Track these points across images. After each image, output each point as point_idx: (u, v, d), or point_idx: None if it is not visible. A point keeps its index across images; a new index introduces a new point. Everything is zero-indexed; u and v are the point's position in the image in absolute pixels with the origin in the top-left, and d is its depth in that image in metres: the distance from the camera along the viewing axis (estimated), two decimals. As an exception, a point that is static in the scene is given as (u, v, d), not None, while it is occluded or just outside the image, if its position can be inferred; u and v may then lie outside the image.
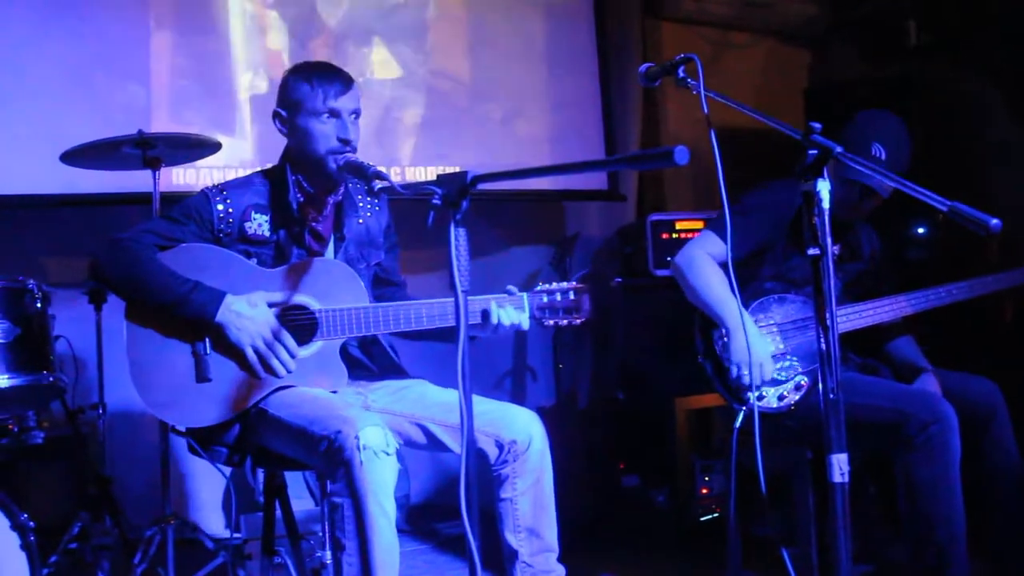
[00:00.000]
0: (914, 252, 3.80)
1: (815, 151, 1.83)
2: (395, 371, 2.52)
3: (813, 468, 2.52)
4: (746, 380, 2.45)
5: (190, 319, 2.17)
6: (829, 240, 1.83)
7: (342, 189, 2.40)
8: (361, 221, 2.48)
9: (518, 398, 4.23)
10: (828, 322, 1.81)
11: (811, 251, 1.85)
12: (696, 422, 3.66)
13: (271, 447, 2.26)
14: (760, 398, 2.49)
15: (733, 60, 4.94)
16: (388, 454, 2.02)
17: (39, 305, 2.49)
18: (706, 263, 2.55)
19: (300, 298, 2.28)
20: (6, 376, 2.40)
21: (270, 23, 3.62)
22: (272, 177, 2.38)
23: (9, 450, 2.71)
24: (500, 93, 4.02)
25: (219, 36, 3.47)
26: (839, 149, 1.82)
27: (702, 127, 4.97)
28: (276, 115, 2.35)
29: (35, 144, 3.07)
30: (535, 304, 2.39)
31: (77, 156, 2.77)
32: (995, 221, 1.55)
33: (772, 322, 2.59)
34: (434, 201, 1.76)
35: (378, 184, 2.10)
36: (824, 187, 1.83)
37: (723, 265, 2.57)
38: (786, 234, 2.59)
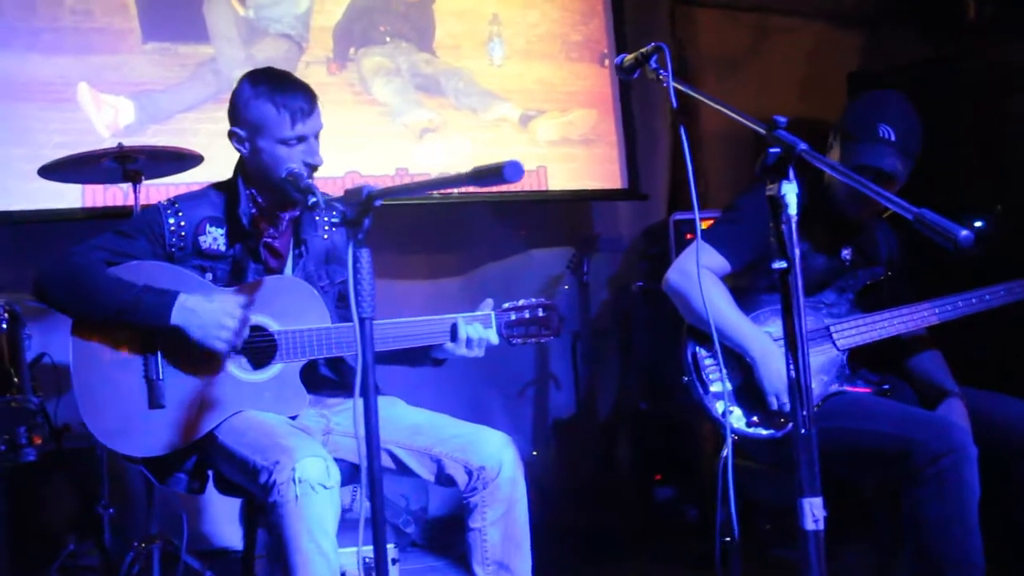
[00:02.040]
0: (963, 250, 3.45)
1: (776, 149, 1.63)
2: (364, 390, 2.38)
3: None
4: (788, 407, 2.22)
5: (141, 326, 2.05)
6: (797, 252, 1.62)
7: (299, 208, 2.28)
8: (325, 237, 2.35)
9: (540, 407, 4.07)
10: (799, 345, 1.60)
11: (776, 264, 1.64)
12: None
13: (225, 475, 2.16)
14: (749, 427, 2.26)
15: (776, 46, 4.65)
16: (327, 487, 1.89)
17: (4, 326, 2.44)
18: (712, 282, 2.31)
19: (257, 318, 2.15)
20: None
21: (262, 27, 3.53)
22: (225, 190, 2.27)
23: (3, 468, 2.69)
24: (514, 93, 3.83)
25: (208, 44, 3.40)
26: (802, 147, 1.61)
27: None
28: (232, 135, 2.21)
29: (12, 158, 3.03)
30: (503, 321, 2.25)
31: (56, 169, 2.71)
32: (964, 233, 1.33)
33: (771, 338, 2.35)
34: (335, 219, 1.64)
35: (311, 199, 1.97)
36: (790, 190, 1.62)
37: (724, 279, 2.35)
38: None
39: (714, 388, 2.29)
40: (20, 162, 2.93)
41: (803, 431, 1.61)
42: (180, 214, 2.21)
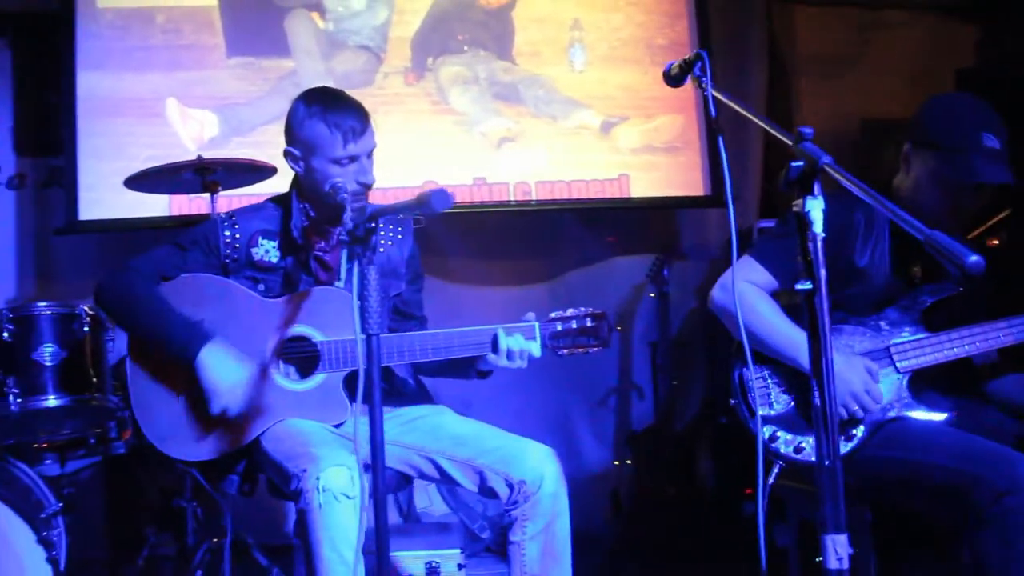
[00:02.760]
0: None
1: (799, 163, 1.54)
2: (413, 398, 2.41)
3: (874, 532, 2.13)
4: (861, 414, 2.10)
5: (172, 355, 2.15)
6: (823, 272, 1.53)
7: None
8: (382, 250, 2.38)
9: (622, 417, 4.00)
10: (824, 372, 1.51)
11: (801, 285, 1.55)
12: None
13: (271, 479, 2.22)
14: (795, 450, 2.13)
15: (885, 43, 4.40)
16: (350, 497, 1.91)
17: (87, 329, 2.59)
18: (757, 297, 2.19)
19: (301, 329, 2.21)
20: (53, 396, 2.52)
21: (341, 40, 3.61)
22: (281, 203, 2.34)
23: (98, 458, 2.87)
24: (596, 99, 3.78)
25: (289, 58, 3.50)
26: (826, 160, 1.52)
27: (843, 120, 4.47)
28: (288, 154, 2.26)
29: (106, 172, 3.22)
30: (547, 333, 2.21)
31: (139, 180, 2.86)
32: (973, 259, 1.22)
33: None
34: (342, 238, 1.66)
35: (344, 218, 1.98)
36: (815, 206, 1.54)
37: (778, 296, 2.23)
38: (842, 255, 2.21)
39: (761, 411, 2.18)
40: (113, 175, 3.09)
41: (827, 463, 1.52)
42: (236, 226, 2.28)
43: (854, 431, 2.12)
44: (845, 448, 2.12)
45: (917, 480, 2.01)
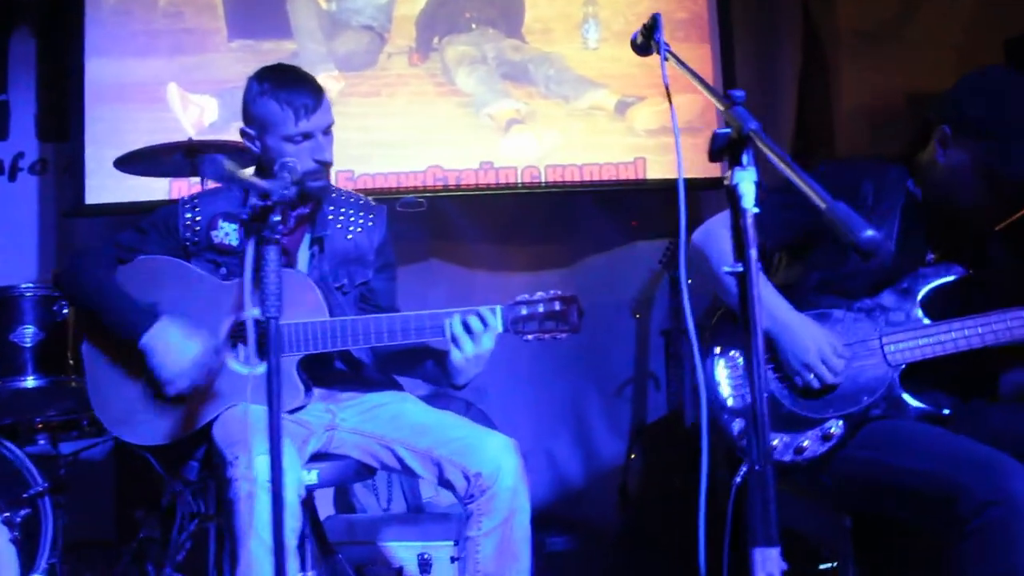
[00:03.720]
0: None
1: (726, 130, 1.41)
2: (376, 385, 2.34)
3: (854, 539, 1.95)
4: (816, 383, 1.95)
5: (119, 336, 2.12)
6: (754, 252, 1.39)
7: (311, 205, 2.26)
8: (350, 237, 2.31)
9: (638, 407, 3.86)
10: (754, 366, 1.37)
11: (731, 267, 1.42)
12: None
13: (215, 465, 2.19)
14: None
15: (931, 14, 4.10)
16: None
17: (66, 312, 2.61)
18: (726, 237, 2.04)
19: (256, 312, 2.15)
20: (32, 377, 2.55)
21: (343, 20, 3.54)
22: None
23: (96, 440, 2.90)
24: (611, 78, 3.62)
25: (291, 40, 3.45)
26: (752, 126, 1.38)
27: (887, 95, 4.20)
28: (243, 134, 2.22)
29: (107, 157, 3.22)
30: (510, 317, 2.10)
31: (130, 162, 2.86)
32: (868, 234, 1.08)
33: None
34: (243, 216, 1.59)
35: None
36: (745, 178, 1.40)
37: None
38: None
39: (730, 402, 2.02)
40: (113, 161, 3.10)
41: (757, 467, 1.38)
42: (197, 208, 2.25)
43: (832, 429, 1.95)
44: (822, 449, 1.96)
45: (897, 485, 1.84)
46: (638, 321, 3.84)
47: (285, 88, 2.14)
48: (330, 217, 2.31)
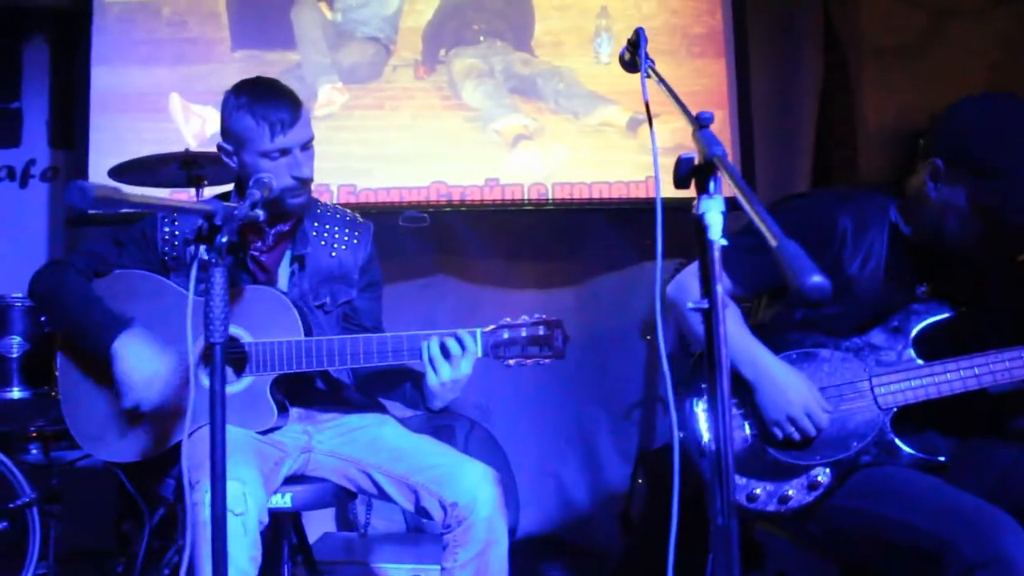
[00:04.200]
0: None
1: (689, 156, 1.33)
2: (356, 406, 2.27)
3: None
4: (797, 437, 1.84)
5: (86, 349, 2.08)
6: (719, 287, 1.31)
7: (291, 222, 2.20)
8: (334, 255, 2.26)
9: (646, 430, 3.75)
10: (719, 409, 1.29)
11: (695, 304, 1.34)
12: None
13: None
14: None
15: (960, 30, 3.96)
16: (237, 514, 1.80)
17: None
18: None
19: (231, 329, 2.10)
20: (17, 389, 2.52)
21: (349, 31, 3.48)
22: (223, 201, 2.24)
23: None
24: (623, 94, 3.53)
25: (295, 50, 3.42)
26: (716, 151, 1.30)
27: (911, 114, 4.06)
28: (221, 149, 2.17)
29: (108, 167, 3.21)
30: (490, 341, 2.02)
31: (125, 172, 2.83)
32: (814, 280, 0.99)
33: None
34: (188, 236, 1.54)
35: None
36: (712, 207, 1.31)
37: (739, 299, 1.97)
38: (824, 264, 1.92)
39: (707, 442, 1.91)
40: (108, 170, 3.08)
41: (720, 521, 1.29)
42: (176, 223, 2.21)
43: (818, 478, 1.84)
44: (808, 498, 1.85)
45: (884, 538, 1.72)
46: (647, 343, 3.74)
47: (261, 102, 2.08)
48: (313, 234, 2.26)
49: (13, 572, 2.56)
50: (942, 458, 1.83)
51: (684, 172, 1.33)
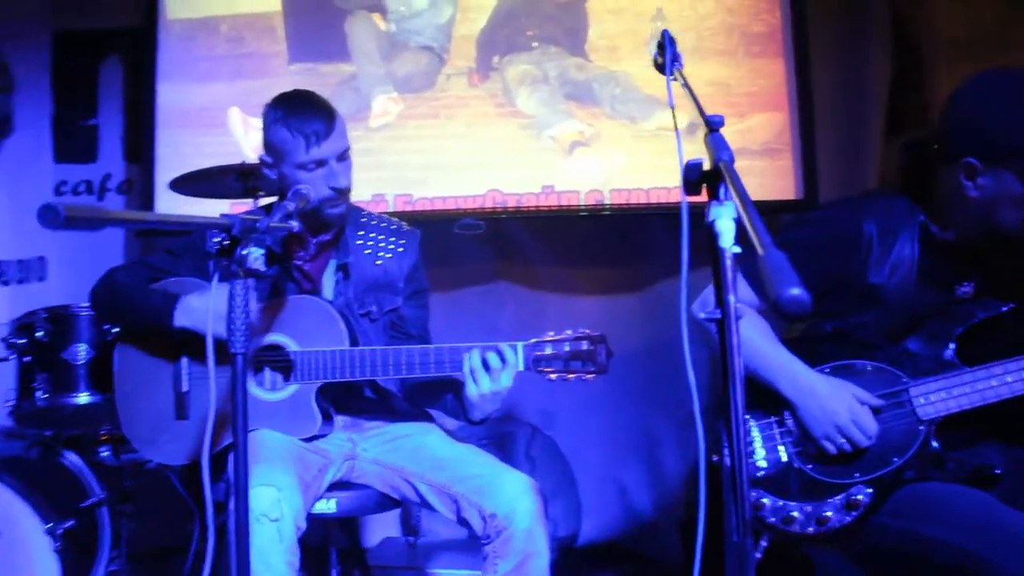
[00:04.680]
0: None
1: (696, 161, 1.30)
2: (403, 415, 2.29)
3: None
4: (848, 448, 1.78)
5: (154, 327, 2.13)
6: (732, 297, 1.28)
7: (332, 231, 2.23)
8: (379, 263, 2.28)
9: (712, 438, 3.66)
10: (733, 422, 1.26)
11: (708, 315, 1.31)
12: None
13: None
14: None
15: (1044, 22, 3.77)
16: (272, 520, 1.83)
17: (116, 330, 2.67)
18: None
19: (276, 337, 2.15)
20: (86, 394, 2.62)
21: (402, 41, 3.50)
22: (270, 211, 2.29)
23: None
24: (681, 97, 3.44)
25: (350, 62, 3.45)
26: (723, 156, 1.27)
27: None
28: (262, 162, 2.22)
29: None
30: (531, 356, 2.01)
31: (185, 184, 2.92)
32: (792, 292, 0.97)
33: None
34: (211, 247, 1.56)
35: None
36: (722, 215, 1.28)
37: (764, 312, 1.91)
38: (850, 273, 1.85)
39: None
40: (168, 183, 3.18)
41: (735, 538, 1.27)
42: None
43: (857, 496, 1.76)
44: (847, 519, 1.78)
45: (923, 556, 1.65)
46: (711, 349, 3.66)
47: (296, 115, 2.12)
48: (358, 242, 2.29)
49: (86, 569, 2.67)
50: (997, 470, 1.74)
51: (693, 177, 1.29)
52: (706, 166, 1.28)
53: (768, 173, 3.42)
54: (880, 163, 3.65)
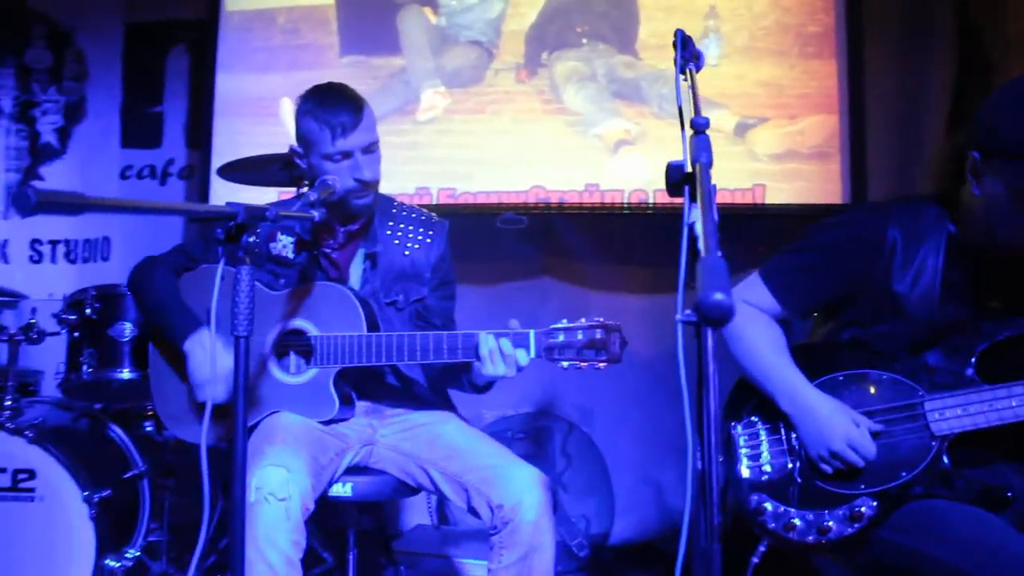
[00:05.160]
0: None
1: (678, 163, 1.30)
2: (425, 402, 2.33)
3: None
4: (844, 469, 1.76)
5: (167, 337, 2.23)
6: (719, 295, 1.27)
7: (360, 221, 2.28)
8: (407, 253, 2.32)
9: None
10: (705, 430, 1.26)
11: (680, 316, 1.31)
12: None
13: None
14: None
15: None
16: (280, 499, 1.88)
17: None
18: (751, 318, 1.87)
19: (300, 323, 2.21)
20: (128, 370, 2.73)
21: (452, 35, 3.53)
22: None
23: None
24: (731, 97, 3.41)
25: (400, 55, 3.50)
26: (701, 159, 1.26)
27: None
28: (293, 152, 2.28)
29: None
30: (543, 344, 2.02)
31: (231, 171, 3.01)
32: (716, 298, 0.96)
33: None
34: (218, 234, 1.61)
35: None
36: (700, 217, 1.29)
37: (782, 320, 1.89)
38: (872, 280, 1.80)
39: (746, 473, 1.83)
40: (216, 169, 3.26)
41: (703, 543, 1.26)
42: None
43: (861, 508, 1.73)
44: (849, 530, 1.74)
45: (918, 573, 1.60)
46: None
47: (323, 107, 2.17)
48: (387, 232, 2.33)
49: (125, 537, 2.78)
50: (1010, 493, 1.68)
51: (675, 178, 1.29)
52: (687, 168, 1.27)
53: (816, 177, 3.35)
54: (942, 167, 3.54)
